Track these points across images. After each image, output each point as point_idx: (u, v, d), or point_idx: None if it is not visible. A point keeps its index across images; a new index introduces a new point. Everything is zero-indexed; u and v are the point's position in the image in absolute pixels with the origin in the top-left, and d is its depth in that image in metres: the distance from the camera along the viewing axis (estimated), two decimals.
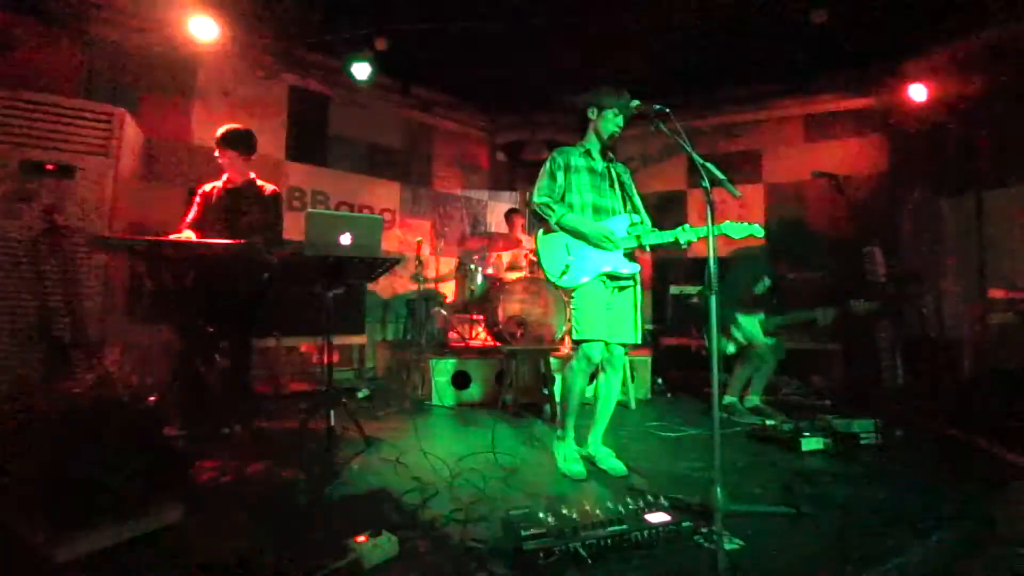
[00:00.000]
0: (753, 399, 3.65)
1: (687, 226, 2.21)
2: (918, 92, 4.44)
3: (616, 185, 2.47)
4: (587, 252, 2.33)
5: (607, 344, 2.35)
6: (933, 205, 4.50)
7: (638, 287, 2.42)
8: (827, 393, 4.16)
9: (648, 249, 2.32)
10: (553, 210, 2.34)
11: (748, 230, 2.18)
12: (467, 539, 1.60)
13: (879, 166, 4.93)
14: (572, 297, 2.35)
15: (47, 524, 1.48)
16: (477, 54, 4.76)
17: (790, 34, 4.25)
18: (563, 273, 2.33)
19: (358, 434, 2.64)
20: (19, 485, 1.61)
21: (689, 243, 2.22)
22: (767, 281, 3.61)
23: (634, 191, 2.53)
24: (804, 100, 5.21)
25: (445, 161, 6.10)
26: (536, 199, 2.40)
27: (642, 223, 2.41)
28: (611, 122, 2.38)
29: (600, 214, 2.40)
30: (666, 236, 2.25)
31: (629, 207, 2.47)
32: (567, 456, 2.36)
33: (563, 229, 2.35)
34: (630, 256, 2.38)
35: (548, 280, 2.39)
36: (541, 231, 2.42)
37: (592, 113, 2.41)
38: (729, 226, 2.14)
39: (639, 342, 2.41)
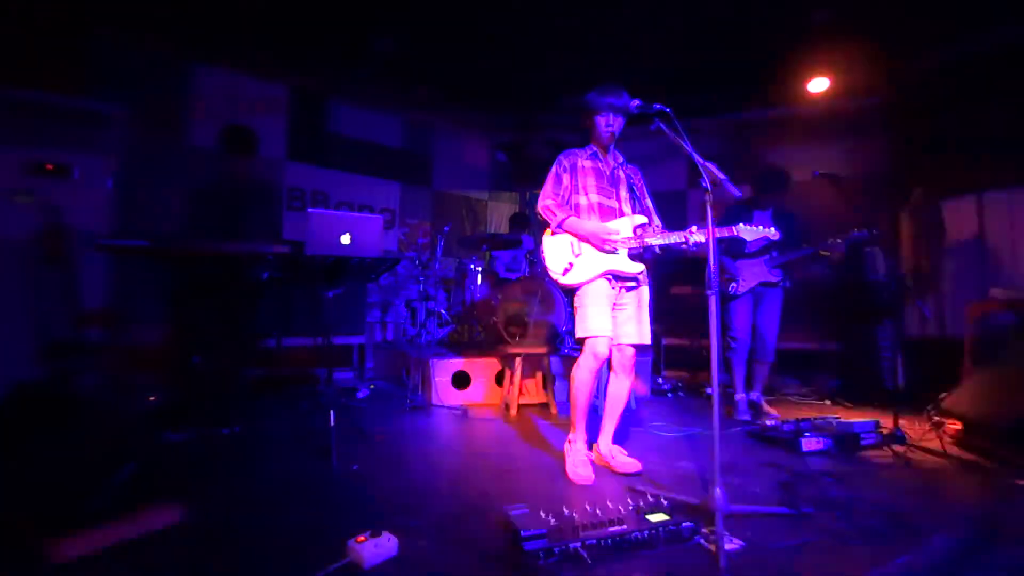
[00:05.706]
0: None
1: (696, 227, 2.18)
2: (918, 92, 4.44)
3: (625, 186, 2.46)
4: (591, 251, 2.33)
5: (617, 346, 2.34)
6: (933, 205, 4.50)
7: (646, 287, 2.39)
8: (827, 393, 4.16)
9: (658, 251, 2.29)
10: (555, 213, 2.36)
11: (762, 232, 2.20)
12: (467, 539, 1.60)
13: (879, 166, 4.93)
14: (575, 296, 2.35)
15: (47, 524, 1.48)
16: (477, 54, 4.76)
17: (790, 34, 4.25)
18: (567, 271, 2.33)
19: (358, 434, 2.65)
20: (19, 485, 1.61)
21: (698, 244, 2.18)
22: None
23: (646, 192, 2.51)
24: (804, 100, 5.21)
25: (445, 161, 6.09)
26: (541, 202, 2.42)
27: (650, 224, 2.39)
28: (611, 121, 2.38)
29: (607, 215, 2.39)
30: (674, 237, 2.22)
31: (639, 208, 2.46)
32: (576, 460, 2.30)
33: (566, 232, 2.37)
34: (638, 256, 2.35)
35: (552, 278, 2.37)
36: (547, 232, 2.42)
37: (591, 114, 2.40)
38: (743, 229, 2.16)
39: (649, 342, 2.37)
